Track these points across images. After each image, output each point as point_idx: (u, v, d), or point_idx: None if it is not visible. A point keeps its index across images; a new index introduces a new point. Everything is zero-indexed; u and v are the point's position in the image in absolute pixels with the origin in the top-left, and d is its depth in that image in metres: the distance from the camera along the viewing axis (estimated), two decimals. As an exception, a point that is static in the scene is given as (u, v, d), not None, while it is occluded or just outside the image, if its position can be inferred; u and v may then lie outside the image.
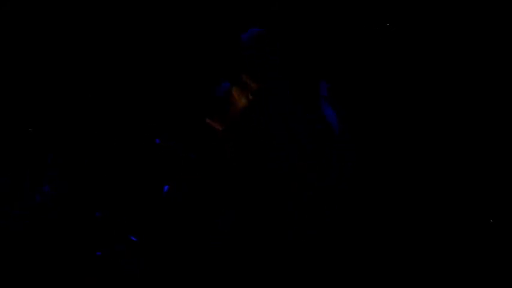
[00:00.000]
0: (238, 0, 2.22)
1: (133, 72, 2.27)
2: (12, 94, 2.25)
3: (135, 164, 2.21)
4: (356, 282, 2.02)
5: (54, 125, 2.24)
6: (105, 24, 2.27)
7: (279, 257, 2.04)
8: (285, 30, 2.15)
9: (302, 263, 2.03)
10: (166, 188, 2.11)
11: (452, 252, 2.04)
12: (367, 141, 2.13)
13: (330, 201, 2.05)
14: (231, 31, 2.18)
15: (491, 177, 2.11)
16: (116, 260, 2.07)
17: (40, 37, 2.26)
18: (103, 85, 2.26)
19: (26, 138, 2.22)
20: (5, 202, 2.14)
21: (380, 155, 2.13)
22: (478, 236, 2.05)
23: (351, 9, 2.22)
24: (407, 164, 2.13)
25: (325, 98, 2.09)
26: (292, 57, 2.13)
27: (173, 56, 2.26)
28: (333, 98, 2.11)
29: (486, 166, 2.12)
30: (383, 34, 2.21)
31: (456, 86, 2.17)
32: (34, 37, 2.26)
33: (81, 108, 2.25)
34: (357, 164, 2.08)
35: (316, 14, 2.19)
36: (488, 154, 2.13)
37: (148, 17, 2.28)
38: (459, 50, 2.19)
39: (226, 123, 2.05)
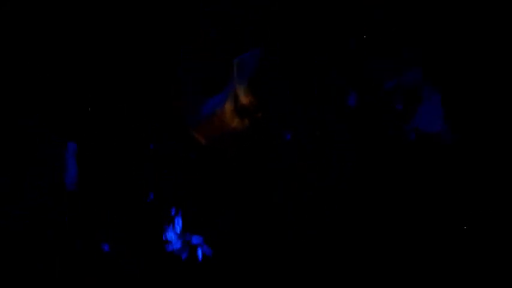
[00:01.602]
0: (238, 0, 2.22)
1: (132, 75, 2.27)
2: (12, 94, 2.25)
3: (135, 165, 2.21)
4: (356, 282, 2.02)
5: (53, 125, 2.25)
6: (105, 24, 2.27)
7: (279, 257, 2.04)
8: (285, 30, 2.15)
9: (302, 263, 2.03)
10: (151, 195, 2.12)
11: (452, 252, 2.04)
12: (367, 141, 2.13)
13: (330, 201, 2.05)
14: (230, 34, 2.17)
15: (491, 178, 2.11)
16: (115, 260, 2.07)
17: (40, 37, 2.27)
18: (102, 86, 2.27)
19: (26, 138, 2.22)
20: (5, 202, 2.14)
21: (380, 155, 2.13)
22: (478, 237, 2.06)
23: (351, 9, 2.22)
24: (407, 164, 2.13)
25: (326, 98, 2.09)
26: (292, 57, 2.13)
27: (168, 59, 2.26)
28: (333, 98, 2.11)
29: (486, 166, 2.12)
30: (383, 34, 2.21)
31: (456, 86, 2.17)
32: (34, 37, 2.27)
33: (80, 108, 2.26)
34: (357, 164, 2.08)
35: (316, 13, 2.20)
36: (488, 154, 2.13)
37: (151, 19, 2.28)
38: (459, 50, 2.19)
39: (212, 140, 1.99)
